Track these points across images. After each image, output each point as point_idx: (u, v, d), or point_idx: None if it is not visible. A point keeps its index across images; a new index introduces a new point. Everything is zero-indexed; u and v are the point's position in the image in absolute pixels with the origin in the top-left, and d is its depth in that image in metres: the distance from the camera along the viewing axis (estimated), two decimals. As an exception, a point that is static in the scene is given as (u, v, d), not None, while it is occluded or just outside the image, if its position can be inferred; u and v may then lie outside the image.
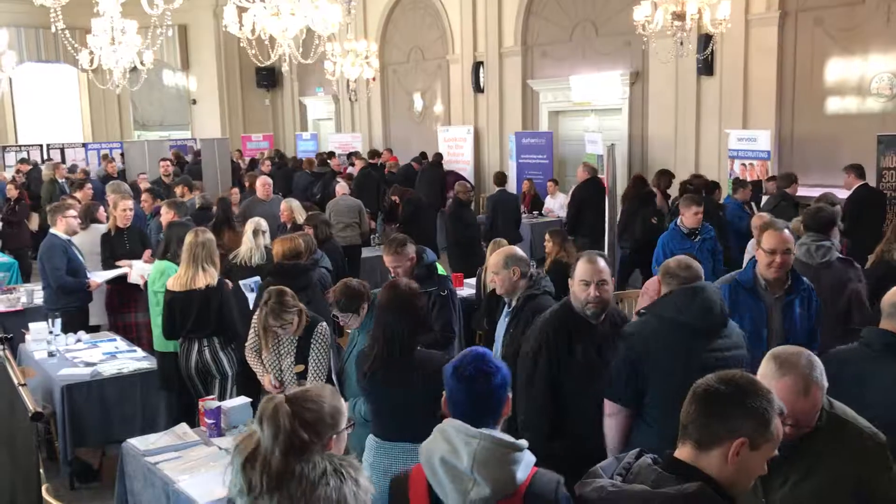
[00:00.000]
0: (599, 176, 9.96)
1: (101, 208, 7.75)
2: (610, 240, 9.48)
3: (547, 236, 7.89)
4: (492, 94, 14.96)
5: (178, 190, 9.87)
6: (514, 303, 4.27)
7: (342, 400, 2.18)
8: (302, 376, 4.48)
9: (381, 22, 17.35)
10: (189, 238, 5.30)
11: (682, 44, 9.12)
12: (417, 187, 12.65)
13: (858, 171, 8.25)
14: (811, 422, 2.33)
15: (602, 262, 3.62)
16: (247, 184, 10.97)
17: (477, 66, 15.05)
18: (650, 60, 11.91)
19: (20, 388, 2.42)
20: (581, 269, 3.60)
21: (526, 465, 2.12)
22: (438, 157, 14.25)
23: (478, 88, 15.16)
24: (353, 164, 14.25)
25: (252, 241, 6.37)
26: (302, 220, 7.52)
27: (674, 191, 9.88)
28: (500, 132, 14.97)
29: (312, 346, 4.46)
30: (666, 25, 8.64)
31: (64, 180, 12.79)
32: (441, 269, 5.37)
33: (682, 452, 1.92)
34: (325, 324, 4.55)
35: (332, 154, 15.79)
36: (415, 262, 4.98)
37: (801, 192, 8.65)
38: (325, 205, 10.19)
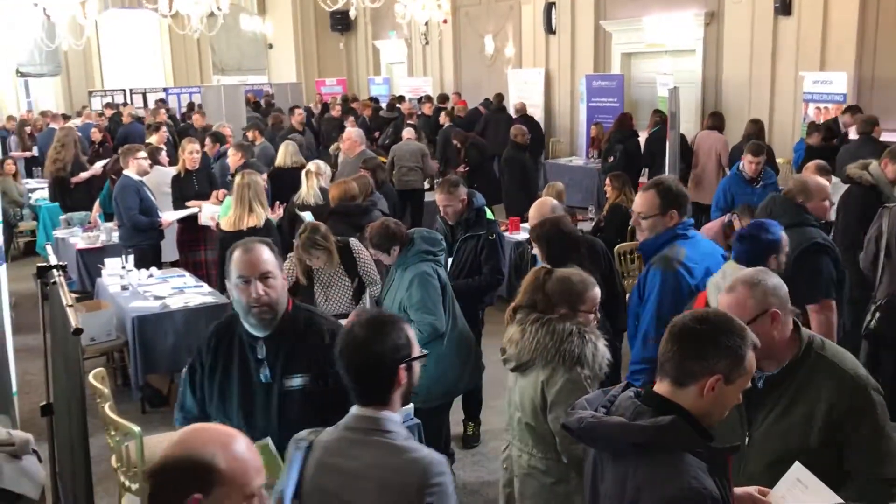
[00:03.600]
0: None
1: (164, 152, 8.12)
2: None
3: (608, 181, 7.89)
4: (563, 35, 14.71)
5: (249, 134, 10.18)
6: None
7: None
8: (358, 294, 4.81)
9: (454, -37, 17.16)
10: (237, 180, 5.59)
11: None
12: (484, 133, 12.67)
13: None
14: (742, 318, 2.19)
15: (265, 252, 2.66)
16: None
17: (549, 6, 14.78)
18: (726, 0, 11.50)
19: (67, 308, 2.66)
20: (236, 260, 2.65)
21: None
22: (500, 98, 14.16)
23: (549, 30, 14.92)
24: (420, 110, 14.32)
25: (305, 183, 6.62)
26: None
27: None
28: (571, 75, 14.74)
29: (357, 261, 4.84)
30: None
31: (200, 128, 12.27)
32: (490, 214, 5.47)
33: (660, 387, 1.99)
34: (352, 239, 4.93)
35: (401, 98, 15.88)
36: (466, 205, 5.13)
37: (885, 136, 8.31)
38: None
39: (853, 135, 8.41)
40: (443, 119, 12.48)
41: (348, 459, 2.13)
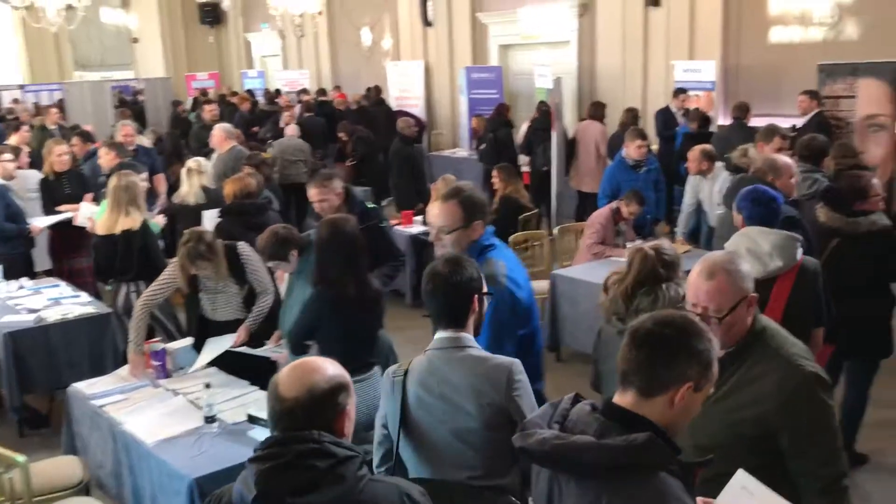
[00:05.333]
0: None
1: (24, 153, 7.63)
2: (559, 171, 9.57)
3: (495, 172, 7.93)
4: (441, 27, 14.74)
5: (119, 131, 9.65)
6: None
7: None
8: (248, 302, 4.55)
9: (326, -46, 16.87)
10: (112, 182, 5.28)
11: (627, -26, 9.06)
12: (368, 125, 12.54)
13: (815, 96, 8.40)
14: (719, 312, 2.28)
15: None
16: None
17: (425, -1, 14.77)
18: (598, -9, 11.83)
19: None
20: None
21: (801, 251, 3.38)
22: (378, 91, 14.09)
23: (426, 22, 14.91)
24: (300, 103, 14.01)
25: (186, 181, 6.32)
26: None
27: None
28: (450, 67, 14.79)
29: (245, 269, 4.53)
30: (611, -45, 8.57)
31: (56, 126, 11.61)
32: (370, 204, 5.32)
33: (624, 399, 1.81)
34: (241, 243, 4.59)
35: (278, 92, 15.51)
36: (343, 198, 4.87)
37: (753, 122, 8.75)
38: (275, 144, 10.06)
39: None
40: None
41: (444, 373, 2.58)
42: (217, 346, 4.37)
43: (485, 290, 2.71)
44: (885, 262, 4.26)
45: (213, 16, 20.09)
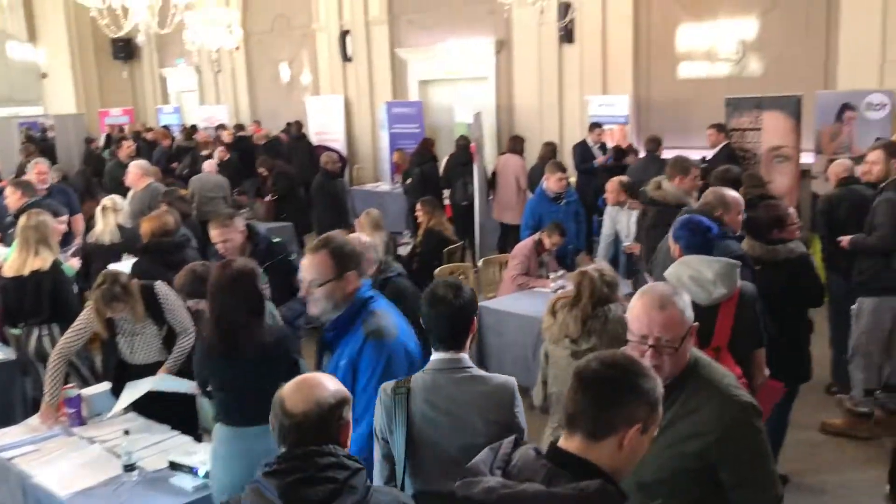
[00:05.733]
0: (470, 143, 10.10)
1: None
2: (481, 204, 9.68)
3: (418, 205, 7.97)
4: (360, 63, 14.81)
5: (31, 169, 9.30)
6: None
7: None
8: (169, 343, 4.40)
9: (243, -10, 16.81)
10: (22, 221, 5.09)
11: (542, 12, 9.31)
12: (288, 160, 12.45)
13: (723, 129, 8.75)
14: (674, 343, 2.29)
15: None
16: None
17: (344, 34, 14.85)
18: (514, 29, 12.10)
19: None
20: None
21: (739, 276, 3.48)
22: (299, 126, 14.06)
23: (345, 58, 14.97)
24: (218, 138, 13.81)
25: (101, 220, 6.12)
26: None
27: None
28: (370, 102, 14.86)
29: (163, 308, 4.37)
30: (527, -7, 8.79)
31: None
32: (276, 239, 5.24)
33: (571, 444, 1.76)
34: (157, 283, 4.43)
35: (194, 127, 15.26)
36: (246, 237, 4.76)
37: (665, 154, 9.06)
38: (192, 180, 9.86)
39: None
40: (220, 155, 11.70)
41: (451, 390, 2.65)
42: (136, 390, 4.21)
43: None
44: (802, 289, 4.45)
45: (126, 51, 19.67)
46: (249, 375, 3.38)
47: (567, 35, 11.32)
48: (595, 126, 10.12)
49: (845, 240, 5.38)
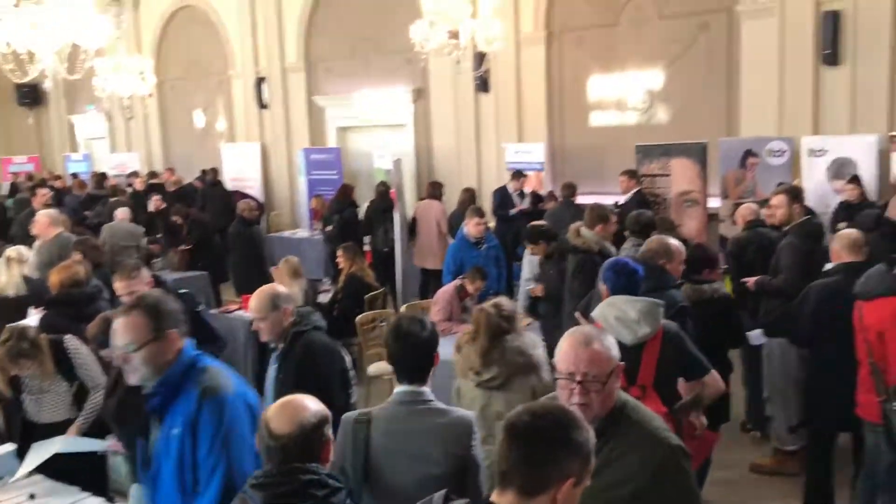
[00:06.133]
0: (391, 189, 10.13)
1: None
2: (402, 250, 9.68)
3: (339, 252, 7.93)
4: (277, 110, 14.76)
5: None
6: (281, 346, 3.69)
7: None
8: (80, 397, 4.20)
9: (156, 36, 16.59)
10: None
11: (458, 62, 9.49)
12: (203, 207, 12.23)
13: (634, 175, 9.04)
14: (600, 378, 2.31)
15: None
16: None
17: (260, 81, 14.79)
18: (431, 78, 12.29)
19: None
20: None
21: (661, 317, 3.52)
22: (215, 173, 13.88)
23: (262, 105, 14.90)
24: (130, 186, 13.47)
25: (5, 271, 5.85)
26: None
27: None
28: (287, 148, 14.79)
29: (73, 363, 4.19)
30: (443, 44, 8.95)
31: None
32: (182, 290, 5.12)
33: (504, 499, 1.71)
34: (67, 337, 4.26)
35: (105, 175, 14.85)
36: (152, 287, 4.62)
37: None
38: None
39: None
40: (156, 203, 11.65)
41: (411, 424, 2.73)
42: (43, 450, 4.00)
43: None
44: (726, 328, 4.61)
45: (32, 97, 19.05)
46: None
47: (483, 84, 11.56)
48: (518, 174, 10.26)
49: (751, 281, 5.60)
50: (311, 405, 2.25)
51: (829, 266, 4.88)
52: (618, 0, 10.38)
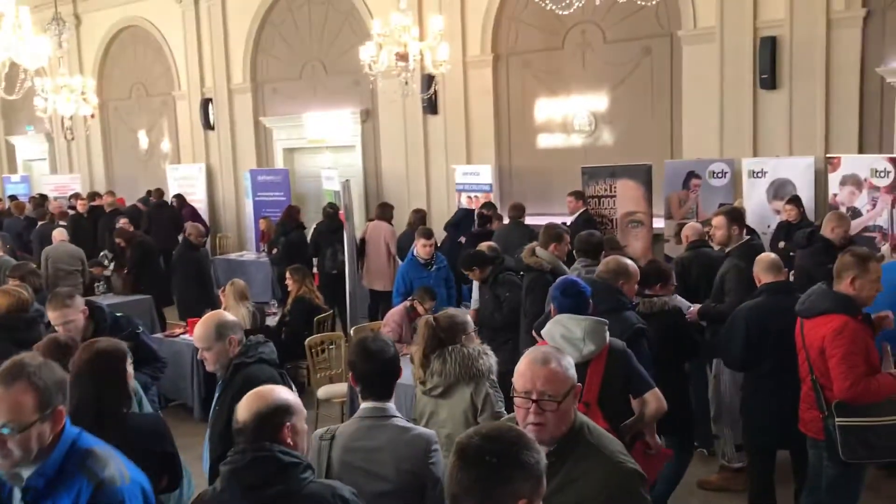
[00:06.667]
0: (339, 211, 10.08)
1: None
2: (351, 271, 9.62)
3: (288, 273, 7.87)
4: (223, 130, 14.62)
5: None
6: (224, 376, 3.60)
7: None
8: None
9: (99, 56, 16.33)
10: None
11: (406, 83, 9.52)
12: (148, 229, 12.01)
13: (581, 196, 9.16)
14: (556, 397, 2.32)
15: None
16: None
17: (206, 102, 14.64)
18: (379, 99, 12.31)
19: None
20: None
21: (608, 333, 3.64)
22: (161, 194, 13.68)
23: (208, 125, 14.74)
24: (73, 208, 13.16)
25: None
26: None
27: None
28: (234, 169, 14.64)
29: None
30: (391, 66, 8.98)
31: None
32: (119, 314, 5.02)
33: None
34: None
35: (44, 197, 14.49)
36: (88, 315, 4.54)
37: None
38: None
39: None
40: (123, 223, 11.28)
41: (369, 440, 2.85)
42: None
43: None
44: (678, 340, 4.72)
45: (-32, 116, 18.56)
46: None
47: (431, 106, 11.62)
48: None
49: (693, 311, 5.52)
50: (271, 395, 2.45)
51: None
52: (563, 24, 10.56)
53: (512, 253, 6.94)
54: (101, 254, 10.40)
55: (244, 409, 2.43)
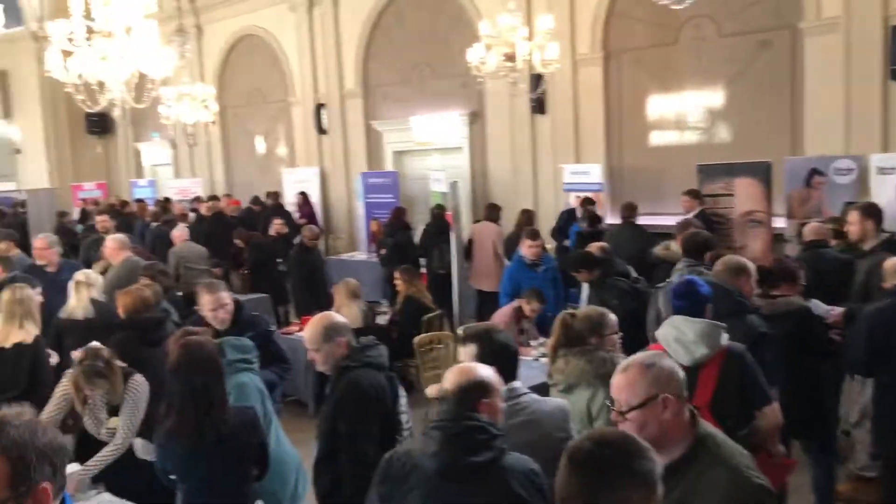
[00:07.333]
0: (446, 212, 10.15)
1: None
2: (458, 271, 9.68)
3: (397, 274, 7.97)
4: (335, 135, 14.98)
5: (2, 245, 9.17)
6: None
7: None
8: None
9: (219, 65, 17.04)
10: (6, 295, 5.01)
11: (515, 84, 9.50)
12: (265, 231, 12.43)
13: (696, 195, 8.88)
14: (632, 402, 2.25)
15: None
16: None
17: (319, 107, 15.05)
18: (487, 100, 12.33)
19: None
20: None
21: (725, 336, 3.50)
22: (276, 196, 14.14)
23: (321, 130, 15.14)
24: (195, 210, 13.78)
25: (75, 295, 5.99)
26: None
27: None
28: (345, 173, 14.98)
29: (126, 399, 4.18)
30: (499, 66, 8.98)
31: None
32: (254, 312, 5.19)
33: None
34: (138, 376, 4.26)
35: (168, 200, 15.24)
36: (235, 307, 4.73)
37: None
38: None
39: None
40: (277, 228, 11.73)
41: (515, 417, 3.02)
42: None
43: None
44: (803, 343, 4.49)
45: (101, 126, 19.73)
46: (216, 461, 3.28)
47: (539, 106, 11.55)
48: (588, 202, 10.11)
49: (837, 313, 5.16)
50: (473, 372, 2.69)
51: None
52: (676, 19, 10.27)
53: (624, 255, 6.80)
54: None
55: (449, 380, 2.67)
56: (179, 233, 9.80)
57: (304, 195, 14.39)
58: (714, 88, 10.35)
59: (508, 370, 3.08)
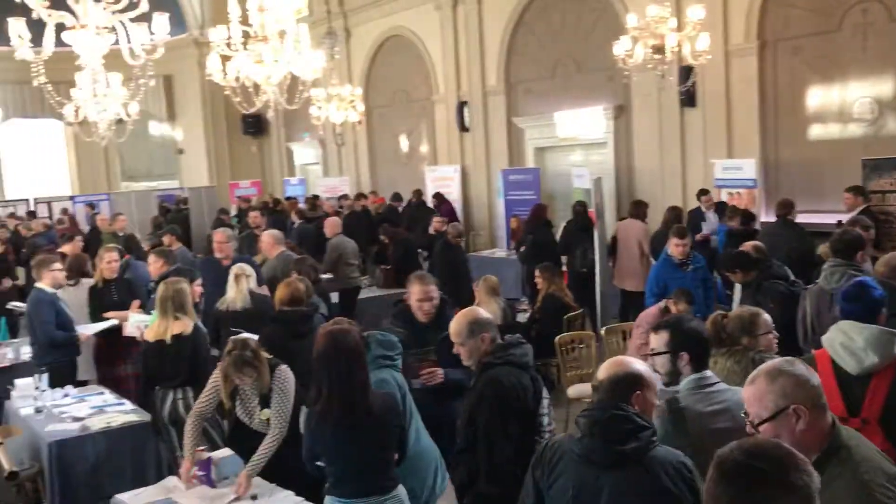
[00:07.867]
0: (588, 209, 9.98)
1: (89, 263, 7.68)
2: (602, 270, 9.47)
3: (537, 272, 7.90)
4: (477, 132, 15.05)
5: (165, 239, 9.81)
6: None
7: None
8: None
9: (366, 66, 17.51)
10: (161, 290, 5.34)
11: (663, 77, 9.20)
12: (408, 227, 12.68)
13: (861, 192, 8.29)
14: (762, 414, 2.17)
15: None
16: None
17: (461, 105, 15.17)
18: (633, 94, 12.01)
19: (-2, 447, 2.33)
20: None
21: None
22: (419, 194, 14.37)
23: (463, 128, 15.26)
24: (341, 208, 14.24)
25: (234, 287, 6.30)
26: None
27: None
28: (487, 170, 15.03)
29: (274, 390, 4.31)
30: (646, 59, 8.72)
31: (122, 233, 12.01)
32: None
33: None
34: (284, 366, 4.39)
35: (316, 197, 15.82)
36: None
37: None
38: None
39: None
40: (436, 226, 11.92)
41: (714, 404, 3.03)
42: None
43: None
44: None
45: (256, 127, 20.78)
46: (363, 443, 3.41)
47: (689, 98, 11.13)
48: (702, 193, 9.80)
49: None
50: (628, 365, 2.72)
51: None
52: (840, 5, 9.62)
53: (778, 255, 6.43)
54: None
55: (603, 370, 2.73)
56: (333, 225, 10.02)
57: (439, 195, 14.55)
58: (882, 77, 9.60)
59: (700, 358, 3.12)
